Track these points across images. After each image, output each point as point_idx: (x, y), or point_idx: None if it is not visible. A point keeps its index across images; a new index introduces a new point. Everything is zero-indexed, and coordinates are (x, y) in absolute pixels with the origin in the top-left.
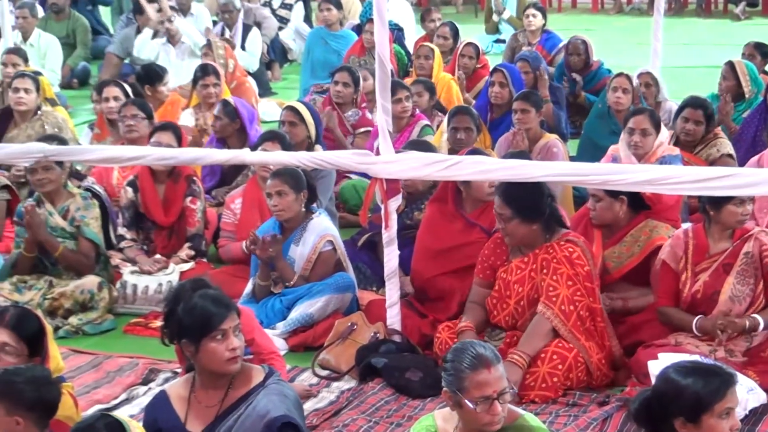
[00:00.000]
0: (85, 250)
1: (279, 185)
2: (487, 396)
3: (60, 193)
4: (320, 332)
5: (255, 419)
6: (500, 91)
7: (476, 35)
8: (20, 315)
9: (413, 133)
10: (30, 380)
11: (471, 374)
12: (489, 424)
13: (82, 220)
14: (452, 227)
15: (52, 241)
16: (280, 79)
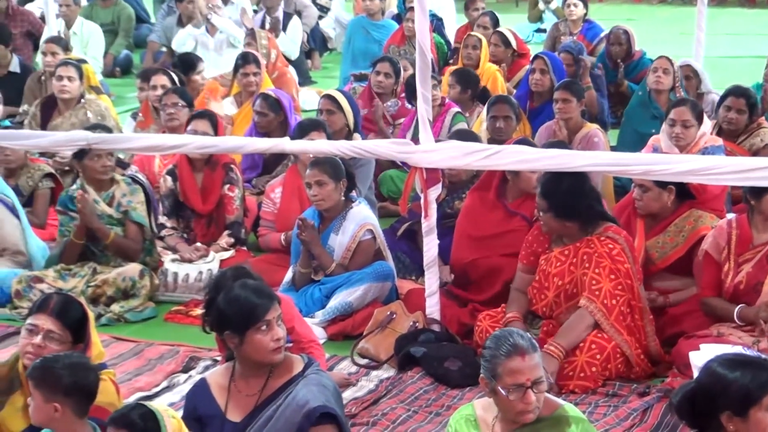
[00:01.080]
0: (133, 234)
1: (318, 175)
2: (520, 384)
3: (104, 181)
4: (359, 321)
5: (294, 409)
6: (541, 78)
7: (517, 24)
8: (64, 302)
9: (445, 120)
10: (67, 366)
11: (505, 361)
12: (522, 413)
13: (128, 205)
14: (492, 216)
15: (103, 228)
16: (320, 68)
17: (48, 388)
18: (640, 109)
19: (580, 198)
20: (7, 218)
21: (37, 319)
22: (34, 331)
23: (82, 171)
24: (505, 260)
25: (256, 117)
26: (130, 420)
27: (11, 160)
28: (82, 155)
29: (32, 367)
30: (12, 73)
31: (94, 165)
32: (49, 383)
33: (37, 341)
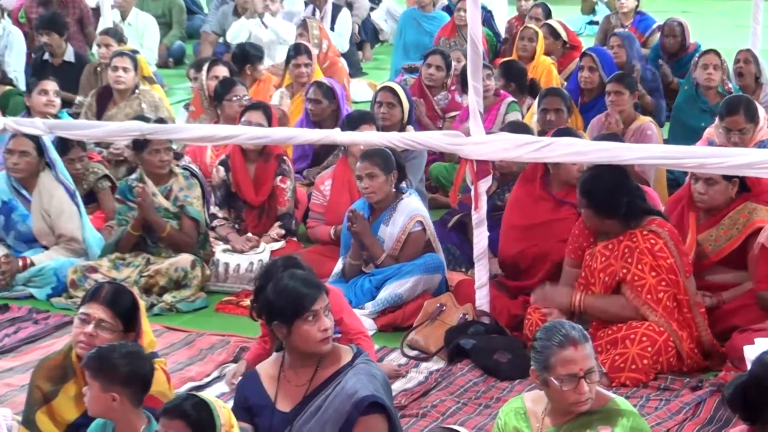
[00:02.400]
0: (188, 229)
1: (369, 167)
2: (573, 374)
3: (163, 174)
4: (409, 313)
5: (343, 399)
6: (590, 76)
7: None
8: (115, 291)
9: (500, 110)
10: (123, 355)
11: (557, 351)
12: (575, 404)
13: (185, 200)
14: (540, 206)
15: (160, 221)
16: (371, 59)
17: (106, 378)
18: (688, 104)
19: (620, 195)
20: (67, 204)
21: (89, 308)
22: (86, 320)
23: (141, 164)
24: (555, 246)
25: (309, 105)
26: (184, 410)
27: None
28: (141, 148)
29: (88, 357)
30: (67, 63)
31: (152, 159)
32: (107, 373)
33: (89, 330)
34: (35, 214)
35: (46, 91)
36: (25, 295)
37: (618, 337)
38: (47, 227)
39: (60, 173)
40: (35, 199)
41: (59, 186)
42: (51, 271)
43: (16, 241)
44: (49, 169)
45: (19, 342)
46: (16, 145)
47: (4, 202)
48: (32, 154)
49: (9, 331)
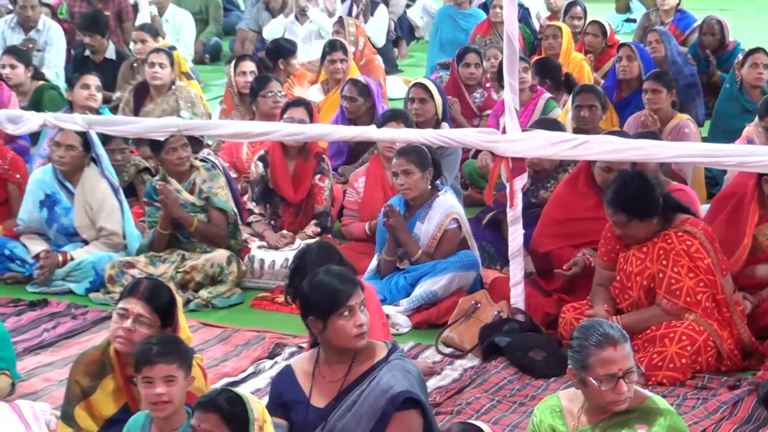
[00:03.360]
0: (217, 220)
1: (405, 164)
2: (612, 374)
3: (184, 169)
4: (444, 310)
5: (378, 394)
6: (628, 65)
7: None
8: (153, 287)
9: (537, 106)
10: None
11: (596, 351)
12: (613, 403)
13: (209, 191)
14: (584, 203)
15: (186, 216)
16: (407, 56)
17: (188, 365)
18: (730, 103)
19: (654, 193)
20: (109, 198)
21: (127, 303)
22: (125, 315)
23: (161, 164)
24: (591, 244)
25: (344, 102)
26: (218, 404)
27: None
28: (158, 149)
29: (168, 348)
30: (108, 60)
31: (171, 158)
32: (188, 359)
33: (127, 325)
34: (78, 207)
35: (88, 85)
36: (64, 290)
37: (657, 335)
38: (89, 221)
39: (105, 169)
40: (78, 192)
41: (103, 180)
42: (89, 265)
43: (57, 235)
44: (95, 164)
45: (58, 337)
46: (64, 139)
47: (47, 194)
48: (78, 148)
49: (48, 326)
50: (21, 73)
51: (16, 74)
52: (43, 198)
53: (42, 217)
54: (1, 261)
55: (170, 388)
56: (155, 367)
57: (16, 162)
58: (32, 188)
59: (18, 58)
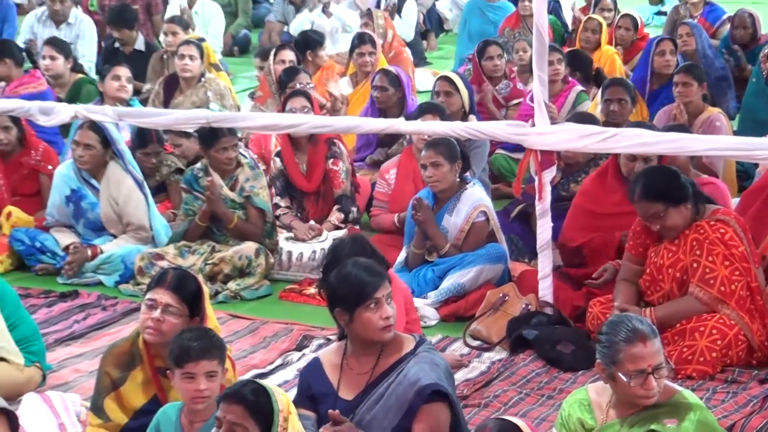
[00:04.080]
0: (255, 219)
1: (433, 156)
2: (642, 370)
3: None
4: (471, 302)
5: (406, 387)
6: (672, 59)
7: (637, 6)
8: (180, 276)
9: (568, 98)
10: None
11: (626, 347)
12: (642, 399)
13: (251, 190)
14: (611, 197)
15: (228, 213)
16: (436, 48)
17: (224, 356)
18: (756, 97)
19: (677, 177)
20: (135, 193)
21: (155, 293)
22: (153, 305)
23: (208, 159)
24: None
25: (375, 92)
26: (243, 395)
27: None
28: (209, 145)
29: (206, 343)
30: (137, 51)
31: (220, 156)
32: (224, 351)
33: (156, 315)
34: (104, 202)
35: (119, 76)
36: (94, 281)
37: (686, 328)
38: (115, 215)
39: (128, 163)
40: (103, 188)
41: (127, 175)
42: (119, 258)
43: (85, 229)
44: (117, 159)
45: (88, 328)
46: (81, 138)
47: (73, 190)
48: (96, 147)
49: (79, 317)
50: (60, 65)
51: (56, 65)
52: (69, 193)
53: (69, 212)
54: (33, 253)
55: (212, 383)
56: (199, 364)
57: (48, 153)
58: (58, 183)
59: (58, 50)
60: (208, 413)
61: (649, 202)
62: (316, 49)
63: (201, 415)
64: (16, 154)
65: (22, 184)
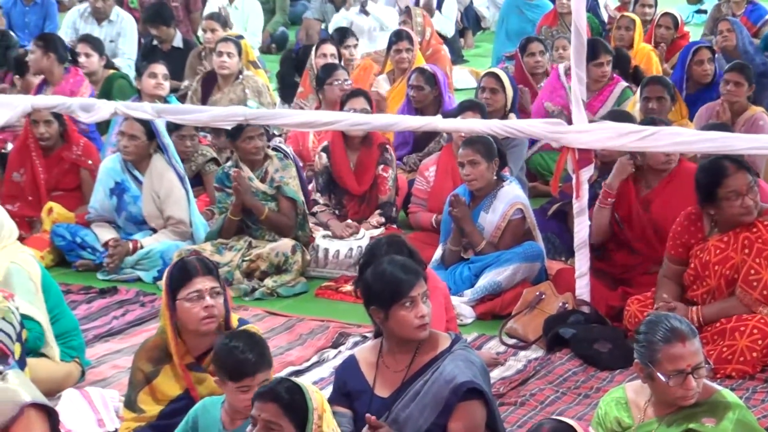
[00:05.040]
0: (286, 210)
1: (471, 154)
2: (681, 370)
3: (258, 159)
4: (508, 301)
5: (441, 384)
6: (709, 68)
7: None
8: (200, 260)
9: (613, 93)
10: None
11: (664, 347)
12: (681, 398)
13: (281, 180)
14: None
15: (258, 205)
16: (473, 46)
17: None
18: None
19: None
20: (176, 187)
21: (195, 284)
22: (200, 295)
23: (236, 151)
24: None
25: (411, 91)
26: (277, 393)
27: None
28: (235, 136)
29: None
30: (175, 48)
31: (246, 146)
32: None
33: (209, 302)
34: (146, 195)
35: (156, 74)
36: (133, 278)
37: (727, 328)
38: (156, 209)
39: (171, 157)
40: (146, 181)
41: (170, 169)
42: (157, 254)
43: (126, 223)
44: (161, 153)
45: (126, 324)
46: (127, 128)
47: (117, 182)
48: (141, 138)
49: (117, 313)
50: (95, 62)
51: (91, 62)
52: (113, 186)
53: (112, 205)
54: (73, 248)
55: None
56: (256, 377)
57: (89, 148)
58: (102, 176)
59: (93, 47)
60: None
61: (743, 172)
62: (348, 42)
63: (244, 414)
64: (57, 148)
65: (62, 179)
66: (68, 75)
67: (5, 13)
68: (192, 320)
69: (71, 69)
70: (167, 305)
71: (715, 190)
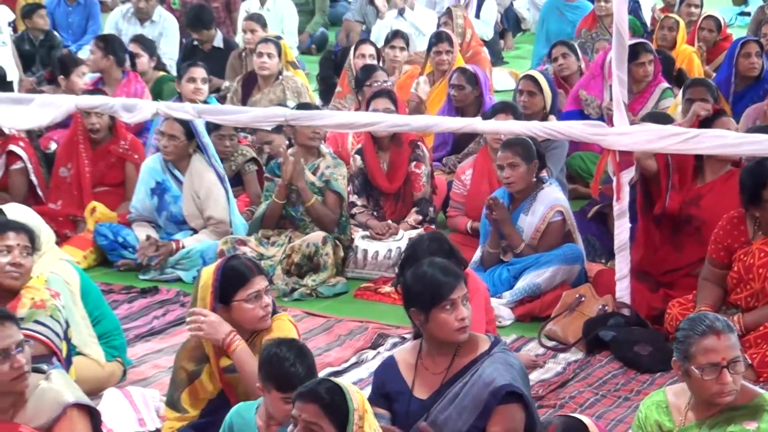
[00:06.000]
0: (332, 204)
1: (510, 157)
2: (715, 363)
3: (312, 151)
4: (547, 303)
5: (480, 387)
6: (757, 61)
7: (720, 7)
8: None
9: (653, 94)
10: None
11: (698, 339)
12: (718, 395)
13: (331, 175)
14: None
15: (307, 190)
16: (513, 48)
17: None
18: None
19: None
20: (215, 187)
21: (257, 283)
22: (259, 294)
23: (294, 135)
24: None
25: (452, 91)
26: (318, 394)
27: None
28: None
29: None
30: (216, 48)
31: (305, 130)
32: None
33: (266, 301)
34: (186, 195)
35: (194, 78)
36: (173, 277)
37: None
38: (197, 209)
39: (211, 157)
40: (187, 181)
41: (209, 169)
42: (198, 253)
43: (167, 222)
44: (201, 153)
45: (167, 324)
46: (167, 128)
47: (158, 182)
48: (180, 138)
49: (158, 313)
50: (145, 63)
51: (141, 63)
52: (154, 186)
53: (153, 205)
54: (115, 248)
55: None
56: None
57: (135, 143)
58: (144, 176)
59: (143, 48)
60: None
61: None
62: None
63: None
64: (105, 142)
65: (107, 173)
66: (127, 80)
67: (49, 14)
68: (251, 320)
69: (129, 73)
70: (212, 307)
71: (760, 192)
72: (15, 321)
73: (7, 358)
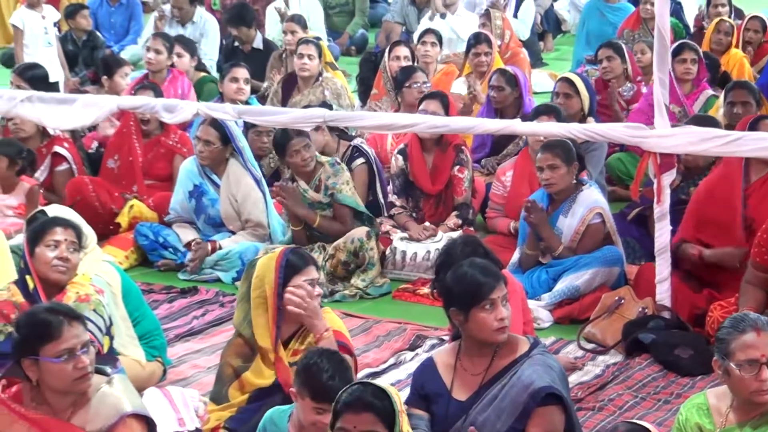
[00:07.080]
0: (341, 216)
1: (550, 159)
2: (754, 360)
3: (309, 170)
4: (586, 305)
5: (519, 389)
6: None
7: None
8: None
9: (698, 101)
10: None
11: (737, 336)
12: (757, 393)
13: (334, 187)
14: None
15: (308, 213)
16: (553, 49)
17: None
18: None
19: None
20: (253, 191)
21: (311, 272)
22: (313, 282)
23: (288, 168)
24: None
25: (492, 92)
26: (369, 402)
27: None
28: (282, 153)
29: (338, 381)
30: (255, 50)
31: (295, 161)
32: None
33: (319, 290)
34: (224, 198)
35: (237, 78)
36: (213, 278)
37: None
38: (234, 212)
39: (247, 161)
40: (224, 184)
41: (246, 173)
42: (236, 254)
43: (205, 225)
44: (237, 156)
45: (206, 324)
46: (202, 134)
47: (195, 185)
48: (215, 144)
49: (197, 313)
50: (186, 63)
51: (182, 63)
52: (192, 189)
53: (191, 208)
54: (156, 248)
55: None
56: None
57: (184, 138)
58: (182, 178)
59: (185, 48)
60: None
61: None
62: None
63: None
64: (156, 134)
65: (155, 164)
66: (172, 77)
67: (92, 14)
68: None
69: (173, 70)
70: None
71: None
72: (82, 321)
73: (72, 358)
